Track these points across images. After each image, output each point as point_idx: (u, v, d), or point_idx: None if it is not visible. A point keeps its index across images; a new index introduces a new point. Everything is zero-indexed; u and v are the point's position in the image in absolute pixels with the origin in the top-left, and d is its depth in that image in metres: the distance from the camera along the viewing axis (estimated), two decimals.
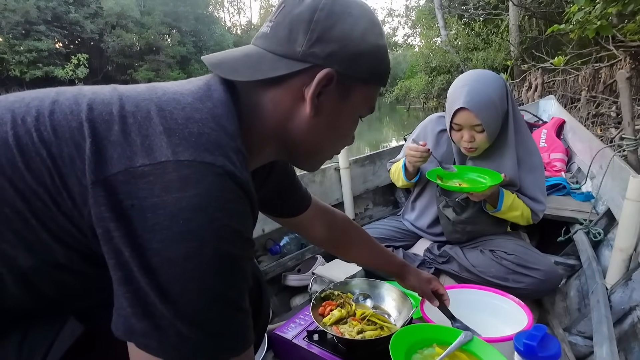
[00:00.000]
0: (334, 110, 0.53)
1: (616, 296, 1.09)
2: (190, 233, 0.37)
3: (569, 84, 5.17)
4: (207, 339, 0.39)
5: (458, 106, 1.20)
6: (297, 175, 0.83)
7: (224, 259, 0.39)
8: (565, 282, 1.41)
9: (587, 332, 1.09)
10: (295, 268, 1.43)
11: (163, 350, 0.38)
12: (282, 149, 0.56)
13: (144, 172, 0.38)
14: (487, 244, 1.35)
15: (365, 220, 1.85)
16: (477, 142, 1.25)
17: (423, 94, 12.69)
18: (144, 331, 0.38)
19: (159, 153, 0.39)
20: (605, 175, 1.60)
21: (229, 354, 0.40)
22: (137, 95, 0.44)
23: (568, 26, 3.65)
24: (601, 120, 3.93)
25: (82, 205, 0.40)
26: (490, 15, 9.74)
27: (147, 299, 0.37)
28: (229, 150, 0.43)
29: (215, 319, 0.39)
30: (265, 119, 0.52)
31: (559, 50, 6.75)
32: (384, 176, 2.01)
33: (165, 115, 0.42)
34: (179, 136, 0.40)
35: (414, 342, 0.84)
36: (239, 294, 0.41)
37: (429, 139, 1.40)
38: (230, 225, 0.40)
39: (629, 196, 1.13)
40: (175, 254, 0.37)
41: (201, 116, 0.43)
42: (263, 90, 0.52)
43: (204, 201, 0.38)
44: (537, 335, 0.77)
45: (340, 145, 0.60)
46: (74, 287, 0.46)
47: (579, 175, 2.14)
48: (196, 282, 0.38)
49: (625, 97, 1.72)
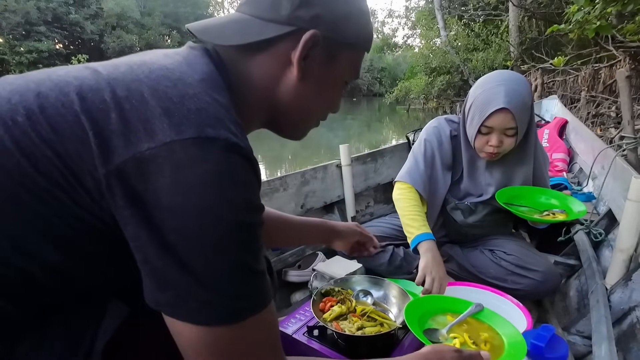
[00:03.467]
0: (321, 74, 0.54)
1: (616, 296, 1.09)
2: (205, 208, 0.39)
3: (568, 84, 5.18)
4: (227, 302, 0.41)
5: (498, 106, 1.09)
6: (297, 172, 0.83)
7: (238, 228, 0.41)
8: (565, 281, 1.41)
9: (586, 332, 1.09)
10: (296, 264, 1.43)
11: (189, 315, 0.41)
12: (270, 117, 0.58)
13: (151, 156, 0.39)
14: (486, 244, 1.34)
15: (366, 217, 1.85)
16: (503, 147, 1.16)
17: (423, 95, 12.69)
18: (168, 301, 0.41)
19: (163, 135, 0.40)
20: (607, 176, 1.59)
21: (249, 313, 0.43)
22: (124, 76, 0.44)
23: (568, 26, 3.65)
24: (601, 121, 3.94)
25: (100, 198, 0.41)
26: (490, 16, 9.75)
27: (167, 274, 0.40)
28: (228, 122, 0.43)
29: (234, 284, 0.42)
30: (254, 86, 0.53)
31: (558, 50, 6.76)
32: (386, 174, 2.01)
33: (160, 96, 0.42)
34: (178, 115, 0.41)
35: (427, 310, 0.88)
36: (254, 258, 0.43)
37: (444, 144, 1.30)
38: (241, 196, 0.42)
39: (631, 197, 1.13)
40: (191, 229, 0.39)
41: (194, 91, 0.44)
42: (250, 58, 0.52)
43: (214, 176, 0.40)
44: (545, 336, 0.75)
45: (326, 110, 0.61)
46: (106, 273, 0.47)
47: (580, 175, 2.14)
48: (213, 252, 0.40)
49: (625, 95, 1.73)
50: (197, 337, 0.41)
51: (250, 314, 0.43)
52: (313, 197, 1.62)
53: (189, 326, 0.41)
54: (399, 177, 1.32)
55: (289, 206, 1.52)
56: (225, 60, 0.52)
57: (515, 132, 1.14)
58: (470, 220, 1.31)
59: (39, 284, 0.43)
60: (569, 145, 2.48)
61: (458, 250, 1.37)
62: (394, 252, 1.39)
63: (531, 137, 1.23)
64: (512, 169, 1.26)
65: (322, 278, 1.26)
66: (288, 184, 1.50)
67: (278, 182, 1.47)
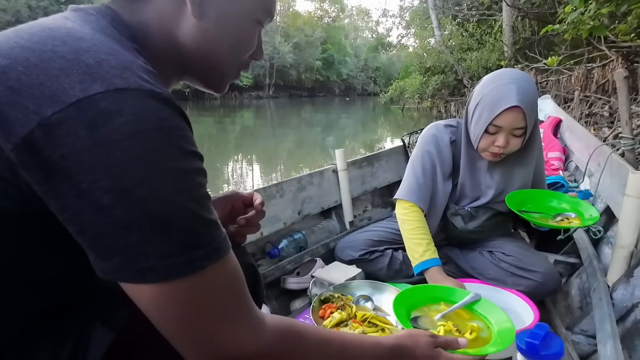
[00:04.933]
0: (221, 10, 0.51)
1: (618, 293, 1.09)
2: (133, 160, 0.37)
3: (562, 84, 5.22)
4: (179, 253, 0.39)
5: (510, 104, 1.06)
6: (293, 179, 0.80)
7: (174, 175, 0.39)
8: (566, 280, 1.41)
9: (590, 331, 1.09)
10: (295, 271, 1.42)
11: (143, 276, 0.38)
12: (181, 67, 0.53)
13: (58, 120, 0.36)
14: (485, 245, 1.34)
15: (364, 222, 1.84)
16: (509, 148, 1.13)
17: (417, 94, 12.71)
18: (117, 267, 0.38)
19: (66, 95, 0.36)
20: (603, 173, 1.59)
21: (207, 262, 0.40)
22: (1, 46, 0.40)
23: (562, 26, 3.68)
24: (594, 120, 3.97)
25: (14, 178, 0.37)
26: (483, 16, 9.81)
27: (108, 240, 0.37)
28: (137, 69, 0.40)
29: (183, 234, 0.39)
30: (156, 33, 0.50)
31: (551, 50, 6.81)
32: (382, 177, 2.00)
33: (49, 57, 0.38)
34: (78, 72, 0.37)
35: (420, 299, 0.86)
36: (201, 206, 0.41)
37: (444, 152, 1.28)
38: (170, 142, 0.39)
39: (629, 193, 1.13)
40: (124, 184, 0.36)
41: (88, 45, 0.40)
42: (144, 5, 0.49)
43: (135, 126, 0.37)
44: (539, 334, 0.76)
45: (240, 54, 0.56)
46: (52, 265, 0.44)
47: (576, 173, 2.14)
48: (153, 204, 0.37)
49: (622, 95, 1.73)
50: (158, 296, 0.39)
51: (208, 262, 0.40)
52: (310, 203, 1.61)
53: (146, 287, 0.39)
54: (400, 195, 1.29)
55: (286, 213, 1.51)
56: (119, 12, 0.48)
57: (523, 132, 1.12)
58: (470, 226, 1.30)
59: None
60: (564, 144, 2.49)
61: (457, 252, 1.37)
62: (393, 256, 1.38)
63: (535, 138, 1.22)
64: (513, 170, 1.25)
65: (322, 284, 1.25)
66: (284, 191, 1.49)
67: (274, 189, 1.46)
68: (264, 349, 0.43)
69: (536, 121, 1.20)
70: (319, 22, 36.88)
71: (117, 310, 0.48)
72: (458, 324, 0.80)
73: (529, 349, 0.76)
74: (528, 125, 1.11)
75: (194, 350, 0.41)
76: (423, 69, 12.19)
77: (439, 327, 0.78)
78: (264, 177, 5.80)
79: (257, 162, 7.06)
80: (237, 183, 5.43)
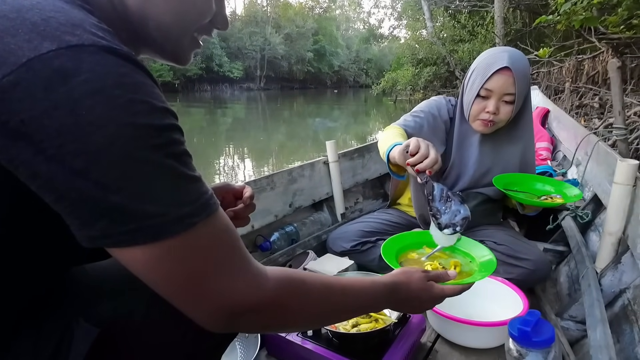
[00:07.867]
0: None
1: (606, 279, 1.10)
2: (100, 119, 0.34)
3: (553, 76, 5.26)
4: (167, 211, 0.37)
5: (500, 65, 1.13)
6: (284, 171, 0.78)
7: (148, 132, 0.37)
8: (555, 268, 1.43)
9: (579, 317, 1.10)
10: (287, 264, 1.41)
11: (132, 238, 0.37)
12: (134, 34, 0.49)
13: (10, 83, 0.33)
14: (477, 234, 1.34)
15: (355, 214, 1.84)
16: (499, 116, 1.18)
17: (410, 86, 12.72)
18: (103, 233, 0.36)
19: (15, 57, 0.33)
20: (589, 161, 1.61)
21: (197, 219, 0.39)
22: None
23: (555, 17, 3.69)
24: (585, 111, 4.01)
25: None
26: (475, 7, 9.79)
27: (89, 204, 0.35)
28: (89, 26, 0.37)
29: (167, 191, 0.38)
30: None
31: (542, 42, 6.84)
32: (374, 169, 2.00)
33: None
34: (23, 31, 0.34)
35: (405, 245, 0.90)
36: (181, 162, 0.39)
37: (441, 117, 1.33)
38: (135, 98, 0.36)
39: (617, 180, 1.14)
40: (95, 145, 0.34)
41: (31, 2, 0.37)
42: None
43: (95, 84, 0.34)
44: (530, 321, 0.78)
45: (192, 16, 0.50)
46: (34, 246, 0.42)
47: (564, 163, 2.17)
48: (130, 163, 0.36)
49: (615, 86, 1.73)
50: (150, 257, 0.37)
51: (197, 219, 0.39)
52: (301, 195, 1.60)
53: (137, 249, 0.37)
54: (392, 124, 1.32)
55: (277, 205, 1.49)
56: None
57: (513, 100, 1.16)
58: None
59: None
60: (552, 134, 2.51)
61: None
62: None
63: (525, 116, 1.24)
64: (501, 146, 1.28)
65: None
66: (275, 183, 1.48)
67: (265, 182, 1.45)
68: (268, 297, 0.43)
69: (527, 97, 1.23)
70: (310, 13, 36.52)
71: (99, 305, 0.47)
72: (442, 263, 0.84)
73: (521, 335, 0.77)
74: (518, 93, 1.14)
75: (199, 307, 0.41)
76: (415, 61, 12.20)
77: (425, 266, 0.81)
78: (255, 170, 5.78)
79: (247, 155, 7.02)
80: (229, 175, 5.40)
